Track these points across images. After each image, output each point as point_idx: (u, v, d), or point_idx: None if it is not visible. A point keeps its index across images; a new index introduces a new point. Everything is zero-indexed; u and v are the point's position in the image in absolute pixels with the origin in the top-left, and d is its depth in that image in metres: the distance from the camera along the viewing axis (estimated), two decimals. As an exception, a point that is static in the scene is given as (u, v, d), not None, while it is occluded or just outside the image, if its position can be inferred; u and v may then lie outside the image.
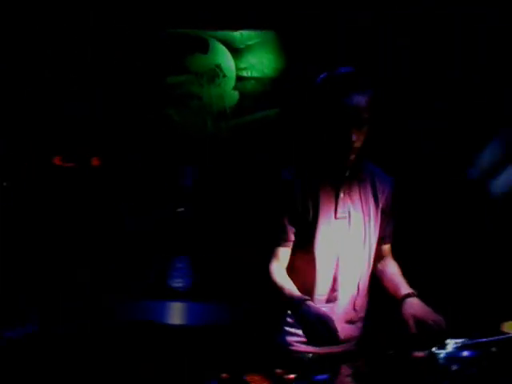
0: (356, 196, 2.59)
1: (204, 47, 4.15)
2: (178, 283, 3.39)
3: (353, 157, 2.50)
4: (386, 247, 2.74)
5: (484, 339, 2.18)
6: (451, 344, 2.18)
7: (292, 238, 2.56)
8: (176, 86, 4.17)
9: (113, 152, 4.13)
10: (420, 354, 2.23)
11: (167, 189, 4.09)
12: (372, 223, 2.62)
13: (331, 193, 2.56)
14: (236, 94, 4.18)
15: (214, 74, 4.17)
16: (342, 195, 2.56)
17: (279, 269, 2.54)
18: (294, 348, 2.59)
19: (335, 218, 2.55)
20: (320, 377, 2.11)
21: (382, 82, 3.77)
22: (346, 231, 2.57)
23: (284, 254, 2.57)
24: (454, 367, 2.11)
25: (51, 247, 3.94)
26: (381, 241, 2.69)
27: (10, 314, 2.72)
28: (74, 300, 3.56)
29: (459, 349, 2.16)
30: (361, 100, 2.41)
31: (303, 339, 2.48)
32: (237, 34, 4.18)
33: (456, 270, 3.54)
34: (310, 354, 2.52)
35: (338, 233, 2.56)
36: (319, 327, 2.22)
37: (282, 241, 2.56)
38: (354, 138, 2.42)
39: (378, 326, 2.73)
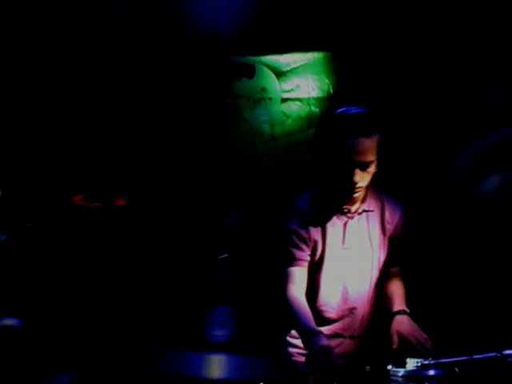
0: (363, 227, 2.72)
1: (250, 72, 4.39)
2: (218, 334, 3.30)
3: (357, 195, 2.62)
4: (395, 270, 2.86)
5: (445, 359, 2.27)
6: (411, 363, 2.28)
7: (306, 257, 2.70)
8: (225, 110, 4.43)
9: (148, 192, 4.08)
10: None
11: (208, 233, 3.98)
12: (378, 253, 2.75)
13: (339, 224, 2.70)
14: (282, 115, 4.39)
15: (260, 96, 4.40)
16: (349, 226, 2.70)
17: (297, 295, 2.65)
18: (294, 359, 2.79)
19: (342, 248, 2.71)
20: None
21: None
22: (353, 261, 2.72)
23: (300, 274, 2.69)
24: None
25: (79, 291, 3.88)
26: (389, 265, 2.82)
27: (44, 365, 2.63)
28: (108, 348, 3.51)
29: (420, 368, 2.27)
30: (366, 142, 2.50)
31: (304, 351, 2.66)
32: (282, 57, 4.38)
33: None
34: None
35: (344, 262, 2.71)
36: (320, 357, 2.36)
37: (296, 259, 2.69)
38: (356, 178, 2.54)
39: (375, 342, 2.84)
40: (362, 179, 2.55)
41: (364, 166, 2.53)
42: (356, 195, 2.61)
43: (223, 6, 4.26)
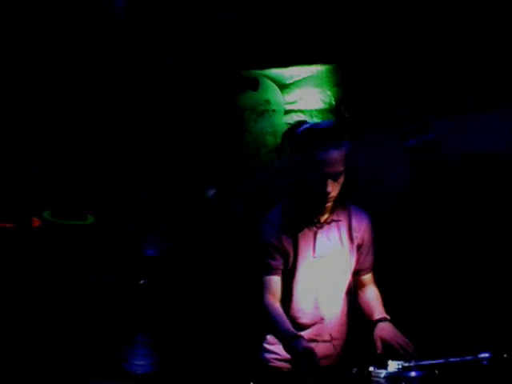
0: (333, 236, 2.84)
1: (255, 85, 4.52)
2: (136, 365, 3.16)
3: (329, 204, 2.75)
4: (367, 277, 2.98)
5: (426, 362, 2.37)
6: (393, 365, 2.38)
7: (281, 266, 2.80)
8: (230, 122, 4.57)
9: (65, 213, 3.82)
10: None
11: (126, 257, 3.81)
12: (348, 260, 2.86)
13: (310, 234, 2.81)
14: (285, 127, 4.49)
15: (264, 108, 4.53)
16: (319, 236, 2.81)
17: (274, 303, 2.76)
18: (271, 364, 2.88)
19: (313, 257, 2.81)
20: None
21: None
22: (324, 269, 2.82)
23: (275, 282, 2.79)
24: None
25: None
26: (360, 272, 2.94)
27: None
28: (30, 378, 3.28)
29: (401, 369, 2.37)
30: (336, 154, 2.63)
31: (280, 356, 2.82)
32: (285, 70, 4.50)
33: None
34: (285, 370, 2.80)
35: (316, 270, 2.82)
36: (304, 359, 2.49)
37: (271, 268, 2.79)
38: (329, 189, 2.67)
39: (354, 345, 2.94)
40: (334, 189, 2.68)
41: (335, 177, 2.66)
42: (328, 204, 2.73)
43: (227, 21, 4.40)
